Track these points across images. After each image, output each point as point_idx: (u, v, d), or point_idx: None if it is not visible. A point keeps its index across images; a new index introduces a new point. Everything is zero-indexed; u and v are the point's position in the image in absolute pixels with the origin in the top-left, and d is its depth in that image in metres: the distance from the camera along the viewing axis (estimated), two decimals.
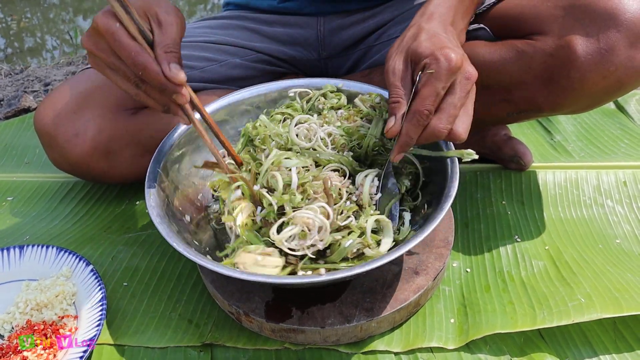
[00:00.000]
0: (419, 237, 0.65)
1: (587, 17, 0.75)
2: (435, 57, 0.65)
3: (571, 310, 0.75)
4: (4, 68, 1.75)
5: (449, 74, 0.65)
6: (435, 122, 0.66)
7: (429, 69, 0.65)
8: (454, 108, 0.66)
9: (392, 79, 0.69)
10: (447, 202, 0.69)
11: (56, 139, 0.91)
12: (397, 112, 0.68)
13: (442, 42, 0.67)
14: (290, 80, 0.92)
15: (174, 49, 0.65)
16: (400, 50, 0.70)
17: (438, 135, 0.67)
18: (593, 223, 0.94)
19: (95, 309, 0.75)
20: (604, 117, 1.23)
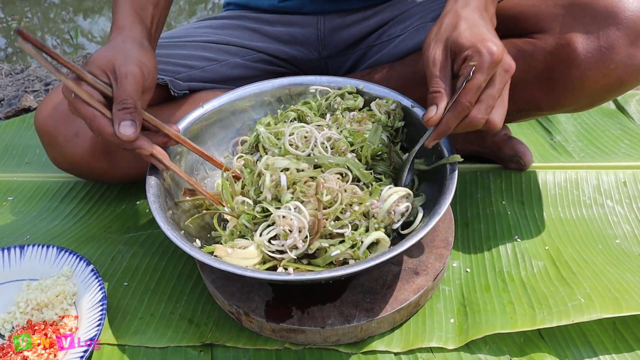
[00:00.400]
0: (411, 241, 0.65)
1: (587, 16, 0.75)
2: (478, 50, 0.65)
3: (571, 310, 0.75)
4: (5, 68, 1.75)
5: (491, 67, 0.65)
6: (474, 112, 0.67)
7: (470, 61, 0.66)
8: (493, 99, 0.67)
9: (433, 69, 0.70)
10: (443, 206, 0.69)
11: (56, 138, 0.91)
12: (438, 102, 0.68)
13: (482, 33, 0.67)
14: (314, 77, 0.92)
15: (129, 103, 0.67)
16: (439, 39, 0.70)
17: (476, 125, 0.68)
18: (593, 223, 0.95)
19: (95, 309, 0.75)
20: (604, 118, 1.23)
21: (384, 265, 0.79)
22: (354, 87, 0.89)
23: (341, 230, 0.70)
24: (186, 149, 0.83)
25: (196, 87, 1.03)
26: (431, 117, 0.69)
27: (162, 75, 0.98)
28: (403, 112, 0.84)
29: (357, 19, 1.08)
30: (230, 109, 0.90)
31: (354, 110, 0.86)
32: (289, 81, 0.92)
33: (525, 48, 0.81)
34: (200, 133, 0.86)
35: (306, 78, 0.92)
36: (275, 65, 1.12)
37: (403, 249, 0.64)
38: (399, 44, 1.01)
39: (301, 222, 0.68)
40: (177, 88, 0.99)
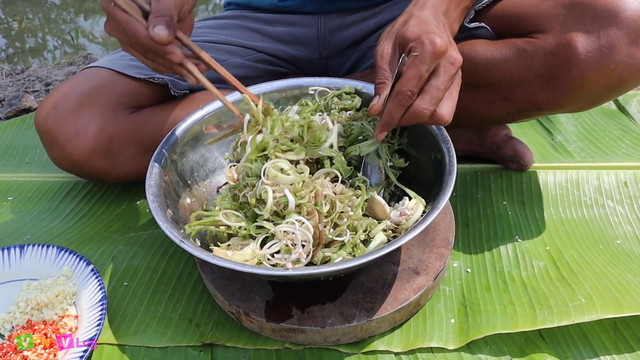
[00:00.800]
0: (410, 235, 0.65)
1: (588, 15, 0.75)
2: (421, 41, 0.66)
3: (572, 311, 0.75)
4: (5, 68, 1.75)
5: (433, 57, 0.65)
6: (418, 103, 0.68)
7: (414, 52, 0.66)
8: (437, 90, 0.67)
9: (380, 61, 0.71)
10: (441, 202, 0.69)
11: (57, 138, 0.91)
12: (381, 92, 0.70)
13: (429, 27, 0.68)
14: (313, 78, 0.92)
15: (164, 13, 0.68)
16: (390, 36, 0.72)
17: (420, 115, 0.68)
18: (594, 223, 0.94)
19: (95, 309, 0.75)
20: (605, 118, 1.23)
21: (383, 260, 0.79)
22: (352, 87, 0.89)
23: (340, 238, 0.70)
24: (187, 151, 0.83)
25: (197, 87, 1.03)
26: (373, 105, 0.71)
27: (163, 75, 0.98)
28: None
29: (357, 19, 1.08)
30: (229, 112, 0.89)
31: (350, 110, 0.86)
32: (288, 83, 0.92)
33: (526, 48, 0.81)
34: (200, 134, 0.86)
35: (305, 79, 0.92)
36: (276, 65, 1.12)
37: (402, 243, 0.64)
38: None
39: (305, 235, 0.68)
40: (177, 88, 0.99)
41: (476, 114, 0.91)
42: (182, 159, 0.83)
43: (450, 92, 0.69)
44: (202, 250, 0.67)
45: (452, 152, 0.75)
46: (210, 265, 0.79)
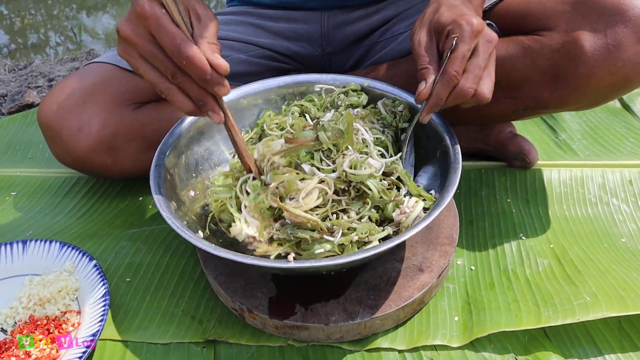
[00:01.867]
0: (414, 230, 0.65)
1: (595, 13, 0.75)
2: (458, 23, 0.69)
3: (576, 309, 0.75)
4: (8, 64, 1.75)
5: (472, 36, 0.68)
6: (462, 82, 0.69)
7: (452, 34, 0.69)
8: (479, 69, 0.69)
9: (418, 49, 0.73)
10: (446, 198, 0.68)
11: (60, 133, 0.90)
12: (427, 77, 0.71)
13: (461, 11, 0.71)
14: (319, 75, 0.92)
15: (214, 40, 0.64)
16: (423, 25, 0.74)
17: (465, 94, 0.69)
18: (598, 221, 0.94)
19: (98, 305, 0.75)
20: (610, 116, 1.23)
21: (386, 257, 0.79)
22: (358, 84, 0.89)
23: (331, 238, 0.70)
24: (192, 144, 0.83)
25: None
26: (421, 91, 0.71)
27: None
28: (410, 113, 0.84)
29: (361, 16, 1.07)
30: (237, 106, 0.89)
31: (357, 107, 0.85)
32: (294, 79, 0.92)
33: (532, 45, 0.80)
34: (207, 128, 0.86)
35: (311, 76, 0.92)
36: (279, 61, 1.11)
37: (406, 238, 0.64)
38: (402, 41, 1.01)
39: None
40: None
41: (481, 111, 0.90)
42: (187, 152, 0.83)
43: (489, 70, 0.71)
44: (206, 242, 0.67)
45: (457, 149, 0.75)
46: (214, 261, 0.79)
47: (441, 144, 0.77)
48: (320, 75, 0.92)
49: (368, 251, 0.63)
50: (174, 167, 0.79)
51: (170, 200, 0.74)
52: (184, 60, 0.60)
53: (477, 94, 0.69)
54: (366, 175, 0.72)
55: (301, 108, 0.87)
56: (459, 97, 0.70)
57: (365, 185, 0.73)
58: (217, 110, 0.67)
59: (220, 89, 0.64)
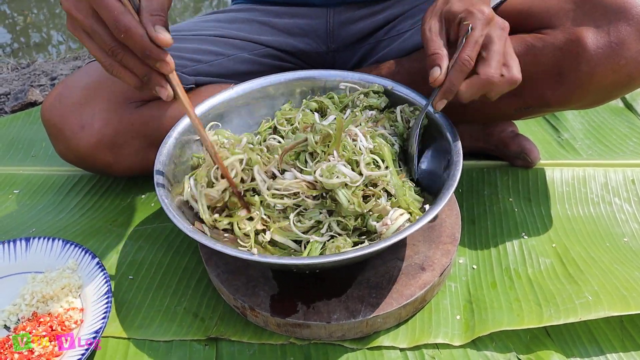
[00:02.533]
0: (416, 226, 0.65)
1: (598, 11, 0.75)
2: (469, 11, 0.70)
3: (578, 308, 0.75)
4: (11, 62, 1.75)
5: (484, 23, 0.69)
6: (485, 70, 0.69)
7: (464, 21, 0.70)
8: (500, 55, 0.69)
9: (429, 34, 0.73)
10: (446, 195, 0.68)
11: (62, 131, 0.91)
12: (440, 62, 0.71)
13: (473, 1, 0.72)
14: (346, 72, 0.92)
15: (161, 13, 0.62)
16: (434, 14, 0.75)
17: (492, 81, 0.69)
18: (600, 221, 0.94)
19: (100, 302, 0.75)
20: (612, 115, 1.22)
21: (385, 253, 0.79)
22: (381, 86, 0.88)
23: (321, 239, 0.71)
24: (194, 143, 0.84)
25: (203, 81, 1.02)
26: (437, 76, 0.71)
27: None
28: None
29: (366, 14, 1.07)
30: (259, 94, 0.91)
31: (374, 109, 0.85)
32: (320, 74, 0.92)
33: (534, 43, 0.80)
34: (227, 112, 0.88)
35: (337, 72, 0.92)
36: (283, 60, 1.11)
37: (406, 234, 0.64)
38: (407, 39, 1.00)
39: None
40: (183, 82, 0.98)
41: (483, 110, 0.90)
42: (190, 149, 0.83)
43: (510, 53, 0.71)
44: (209, 237, 0.67)
45: (458, 146, 0.75)
46: (216, 259, 0.79)
47: (442, 140, 0.77)
48: (347, 72, 0.92)
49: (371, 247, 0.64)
50: (176, 164, 0.79)
51: (173, 198, 0.74)
52: (122, 34, 0.59)
53: (507, 78, 0.69)
54: (337, 184, 0.70)
55: (319, 104, 0.87)
56: (486, 85, 0.69)
57: (336, 193, 0.70)
58: (164, 84, 0.65)
59: (162, 65, 0.62)
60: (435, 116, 0.81)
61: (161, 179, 0.74)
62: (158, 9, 0.62)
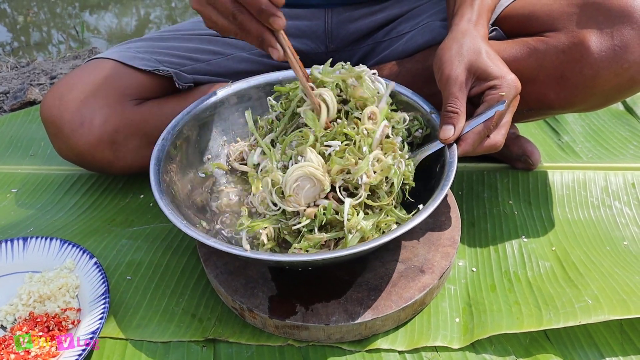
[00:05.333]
0: (408, 225, 0.65)
1: (602, 14, 0.75)
2: (506, 81, 0.73)
3: (578, 312, 0.75)
4: (10, 61, 1.75)
5: (515, 97, 0.73)
6: (496, 137, 0.73)
7: (498, 90, 0.72)
8: (509, 124, 0.74)
9: (452, 88, 0.74)
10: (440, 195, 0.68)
11: (62, 128, 0.91)
12: (455, 123, 0.73)
13: (504, 65, 0.75)
14: None
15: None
16: (461, 60, 0.75)
17: (497, 147, 0.74)
18: (600, 224, 0.94)
19: (98, 303, 0.75)
20: (613, 118, 1.22)
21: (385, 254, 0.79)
22: (389, 85, 0.87)
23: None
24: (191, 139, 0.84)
25: (201, 80, 1.02)
26: (449, 136, 0.73)
27: (167, 67, 0.97)
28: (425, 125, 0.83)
29: (365, 13, 1.07)
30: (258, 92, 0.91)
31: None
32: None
33: (537, 46, 0.80)
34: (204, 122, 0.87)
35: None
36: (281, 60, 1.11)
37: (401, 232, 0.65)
38: (408, 41, 1.00)
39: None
40: (182, 81, 0.99)
41: None
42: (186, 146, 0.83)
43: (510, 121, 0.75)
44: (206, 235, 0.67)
45: (453, 147, 0.74)
46: (214, 260, 0.79)
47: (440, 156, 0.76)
48: None
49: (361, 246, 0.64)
50: (173, 161, 0.79)
51: (171, 197, 0.74)
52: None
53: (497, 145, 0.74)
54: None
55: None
56: (491, 149, 0.74)
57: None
58: (275, 44, 0.71)
59: (275, 20, 0.68)
60: (433, 116, 0.81)
61: (157, 175, 0.74)
62: None
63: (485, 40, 0.79)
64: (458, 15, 0.82)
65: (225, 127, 0.89)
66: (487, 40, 0.79)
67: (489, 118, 0.72)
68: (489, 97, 0.73)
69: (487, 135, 0.73)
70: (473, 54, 0.75)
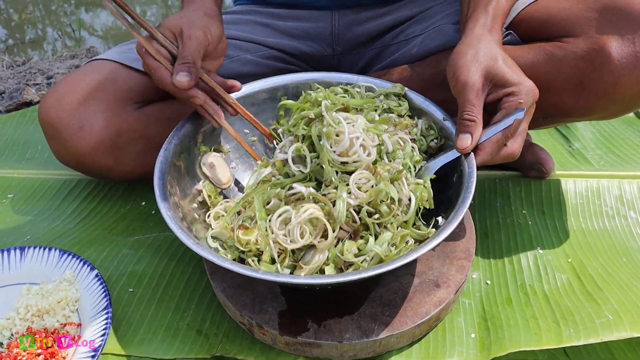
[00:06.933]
0: (427, 246, 0.63)
1: (622, 20, 0.73)
2: (525, 88, 0.71)
3: (599, 328, 0.72)
4: (6, 60, 1.71)
5: (533, 105, 0.72)
6: (513, 146, 0.72)
7: (516, 97, 0.70)
8: (525, 132, 0.73)
9: (469, 94, 0.71)
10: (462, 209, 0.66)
11: (60, 131, 0.87)
12: (473, 131, 0.71)
13: (520, 71, 0.73)
14: (355, 75, 0.89)
15: (187, 60, 0.74)
16: (478, 66, 0.72)
17: (515, 156, 0.72)
18: (616, 235, 0.91)
19: (99, 318, 0.71)
20: (623, 125, 1.20)
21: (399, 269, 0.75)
22: (403, 88, 0.84)
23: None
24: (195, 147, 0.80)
25: None
26: (467, 146, 0.71)
27: None
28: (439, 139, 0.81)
29: (372, 16, 1.04)
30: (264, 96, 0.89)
31: (393, 114, 0.81)
32: (335, 76, 0.89)
33: (555, 52, 0.78)
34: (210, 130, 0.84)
35: (349, 75, 0.89)
36: (287, 62, 1.08)
37: (419, 254, 0.62)
38: (418, 45, 0.97)
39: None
40: None
41: None
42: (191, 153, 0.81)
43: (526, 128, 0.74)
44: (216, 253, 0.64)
45: (471, 155, 0.72)
46: (221, 272, 0.76)
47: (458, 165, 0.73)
48: (359, 76, 0.89)
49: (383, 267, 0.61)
50: (177, 169, 0.76)
51: (175, 206, 0.71)
52: (160, 85, 0.76)
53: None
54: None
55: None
56: (509, 157, 0.72)
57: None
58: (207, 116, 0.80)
59: (194, 100, 0.76)
60: (446, 123, 0.78)
61: (162, 189, 0.71)
62: (187, 55, 0.74)
63: (500, 45, 0.76)
64: (472, 20, 0.79)
65: (226, 135, 0.86)
66: (502, 45, 0.77)
67: (508, 126, 0.69)
68: (507, 104, 0.71)
69: (504, 144, 0.71)
70: (489, 59, 0.73)
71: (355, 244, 0.67)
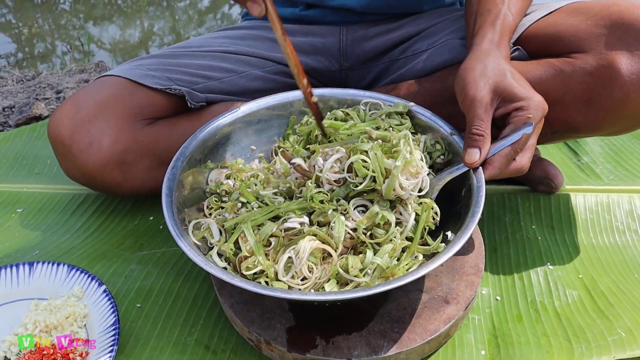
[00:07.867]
0: (436, 263, 0.62)
1: (632, 36, 0.73)
2: (533, 105, 0.70)
3: (611, 345, 0.71)
4: (16, 74, 1.73)
5: (541, 119, 0.71)
6: (522, 160, 0.71)
7: (525, 111, 0.70)
8: (534, 146, 0.72)
9: (477, 109, 0.71)
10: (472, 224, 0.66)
11: (70, 148, 0.88)
12: (481, 146, 0.70)
13: (529, 86, 0.73)
14: (362, 91, 0.89)
15: None
16: (486, 81, 0.72)
17: (523, 171, 0.72)
18: (627, 250, 0.90)
19: (108, 334, 0.71)
20: (632, 139, 1.19)
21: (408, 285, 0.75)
22: (406, 106, 0.84)
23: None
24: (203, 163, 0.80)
25: (214, 99, 0.99)
26: (475, 161, 0.70)
27: (179, 85, 0.95)
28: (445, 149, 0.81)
29: (380, 31, 1.05)
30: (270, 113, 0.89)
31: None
32: (339, 92, 0.90)
33: (563, 68, 0.78)
34: (217, 146, 0.84)
35: (355, 91, 0.89)
36: None
37: (428, 270, 0.62)
38: (425, 60, 0.98)
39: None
40: (194, 99, 0.96)
41: None
42: (199, 170, 0.80)
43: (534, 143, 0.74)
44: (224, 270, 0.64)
45: (479, 169, 0.71)
46: (229, 288, 0.76)
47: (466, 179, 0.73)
48: (360, 91, 0.89)
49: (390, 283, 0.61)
50: (185, 186, 0.76)
51: (182, 222, 0.71)
52: None
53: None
54: None
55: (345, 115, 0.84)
56: (518, 172, 0.72)
57: None
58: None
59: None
60: (453, 138, 0.78)
61: (169, 206, 0.71)
62: None
63: (508, 60, 0.76)
64: (479, 35, 0.80)
65: (234, 151, 0.86)
66: (510, 61, 0.77)
67: (517, 140, 0.69)
68: (516, 118, 0.71)
69: (513, 158, 0.71)
70: (498, 74, 0.73)
71: (357, 258, 0.67)
